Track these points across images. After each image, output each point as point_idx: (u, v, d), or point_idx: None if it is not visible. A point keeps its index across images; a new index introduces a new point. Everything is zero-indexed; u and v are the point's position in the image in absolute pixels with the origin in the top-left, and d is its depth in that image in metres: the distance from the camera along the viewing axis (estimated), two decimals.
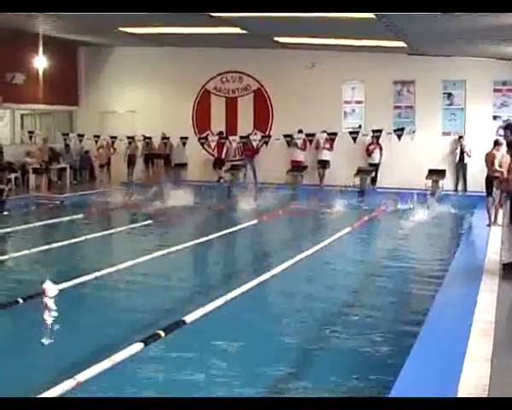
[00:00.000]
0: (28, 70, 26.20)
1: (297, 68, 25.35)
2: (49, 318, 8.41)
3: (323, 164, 25.07)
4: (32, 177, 25.81)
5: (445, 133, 24.09)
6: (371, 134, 24.01)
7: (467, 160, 23.31)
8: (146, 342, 7.77)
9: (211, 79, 27.18)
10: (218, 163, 26.64)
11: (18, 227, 17.32)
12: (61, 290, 10.26)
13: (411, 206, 19.66)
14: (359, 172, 24.03)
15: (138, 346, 7.62)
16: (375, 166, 24.35)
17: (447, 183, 23.38)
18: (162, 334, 8.10)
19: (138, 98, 27.84)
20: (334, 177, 24.60)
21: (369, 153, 24.57)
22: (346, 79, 25.03)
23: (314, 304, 10.10)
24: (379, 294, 10.84)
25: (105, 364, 7.04)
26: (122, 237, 16.35)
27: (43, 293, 9.34)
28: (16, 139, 28.51)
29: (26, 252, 13.46)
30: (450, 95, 24.04)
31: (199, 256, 14.16)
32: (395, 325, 8.92)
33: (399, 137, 23.41)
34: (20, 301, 9.55)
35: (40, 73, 26.82)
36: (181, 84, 26.99)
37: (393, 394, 5.54)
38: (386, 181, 23.76)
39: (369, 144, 24.48)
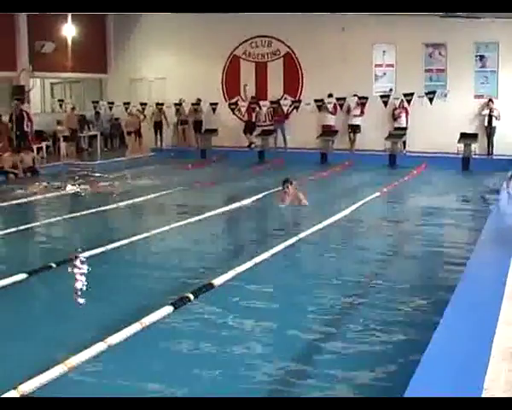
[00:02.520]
0: (57, 39, 26.27)
1: (327, 32, 25.13)
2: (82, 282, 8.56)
3: (354, 128, 24.92)
4: (62, 145, 25.96)
5: (477, 96, 23.75)
6: (401, 98, 23.72)
7: (495, 123, 23.01)
8: (175, 305, 7.81)
9: (240, 45, 27.07)
10: (248, 128, 26.55)
11: (50, 194, 17.48)
12: (94, 256, 10.43)
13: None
14: (390, 136, 23.82)
15: (168, 309, 7.66)
16: (403, 131, 24.11)
17: (479, 146, 23.12)
18: (191, 297, 8.14)
19: (168, 65, 27.81)
20: (364, 141, 24.45)
21: (395, 117, 24.34)
22: (376, 43, 24.77)
23: (349, 263, 10.09)
24: (412, 257, 10.77)
25: (136, 326, 7.11)
26: (156, 203, 16.40)
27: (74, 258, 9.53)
28: (47, 108, 28.66)
29: (63, 217, 13.80)
30: (482, 57, 23.66)
31: (238, 219, 14.15)
32: (429, 287, 8.89)
33: (431, 100, 23.07)
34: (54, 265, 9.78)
35: (69, 41, 26.89)
36: (210, 49, 26.89)
37: (428, 354, 5.46)
38: (418, 145, 23.52)
39: (395, 108, 24.24)
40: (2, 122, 22.99)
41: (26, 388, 5.80)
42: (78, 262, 10.20)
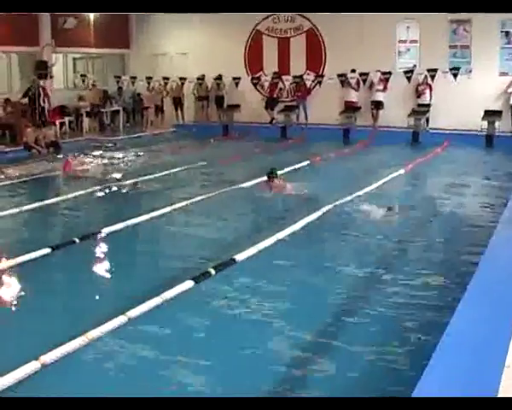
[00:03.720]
0: (80, 14, 26.24)
1: None
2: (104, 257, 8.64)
3: (377, 104, 24.70)
4: (85, 120, 26.04)
5: (501, 74, 23.44)
6: (424, 74, 23.48)
7: None
8: (196, 279, 7.83)
9: (263, 20, 26.92)
10: (270, 104, 26.43)
11: (74, 168, 17.59)
12: (115, 231, 10.49)
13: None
14: (413, 112, 23.64)
15: (189, 284, 7.69)
16: (427, 107, 23.89)
17: (504, 124, 22.87)
18: (213, 272, 8.16)
19: (190, 40, 27.73)
20: (387, 118, 24.26)
21: (418, 94, 24.09)
22: (400, 18, 24.51)
23: (372, 239, 10.08)
24: (434, 234, 10.72)
25: (156, 300, 7.15)
26: (177, 178, 16.43)
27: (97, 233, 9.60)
28: (69, 83, 28.71)
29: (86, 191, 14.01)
30: (507, 33, 23.33)
31: (260, 195, 14.15)
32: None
33: (455, 76, 22.81)
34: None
35: (91, 16, 26.88)
36: (233, 25, 26.76)
37: (449, 330, 5.42)
38: (441, 122, 23.30)
39: (419, 85, 23.98)
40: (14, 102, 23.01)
41: (48, 358, 5.85)
42: (100, 237, 10.27)
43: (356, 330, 6.82)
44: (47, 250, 9.35)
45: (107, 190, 14.53)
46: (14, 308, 7.58)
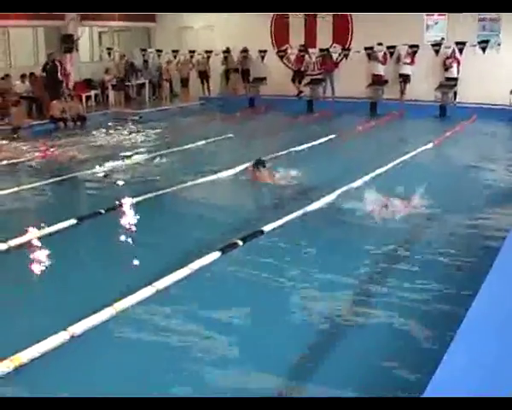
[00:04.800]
0: None
1: None
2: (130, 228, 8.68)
3: (404, 78, 24.47)
4: (110, 93, 26.08)
5: None
6: (452, 47, 23.23)
7: None
8: (224, 250, 7.83)
9: None
10: (297, 77, 26.30)
11: (100, 141, 17.67)
12: (141, 202, 10.51)
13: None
14: (441, 86, 23.45)
15: (216, 255, 7.70)
16: (454, 81, 23.67)
17: None
18: (240, 243, 8.16)
19: (216, 13, 27.57)
20: (414, 91, 24.06)
21: (446, 67, 23.82)
22: None
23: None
24: (458, 212, 10.57)
25: (184, 271, 7.16)
26: (203, 151, 16.46)
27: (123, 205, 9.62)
28: (95, 57, 28.73)
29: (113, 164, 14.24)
30: None
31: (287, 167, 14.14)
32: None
33: (484, 49, 22.57)
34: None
35: None
36: None
37: (471, 312, 5.35)
38: (469, 96, 23.06)
39: (447, 58, 23.72)
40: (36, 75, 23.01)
41: (77, 329, 5.88)
42: (126, 209, 10.30)
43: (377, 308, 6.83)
44: (72, 221, 9.44)
45: (129, 163, 14.69)
46: (47, 278, 7.63)
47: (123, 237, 8.98)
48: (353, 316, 6.46)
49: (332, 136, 17.44)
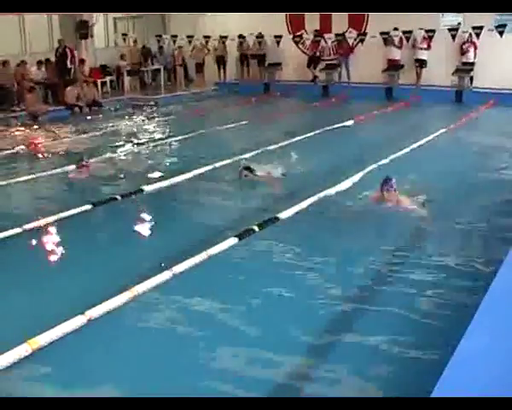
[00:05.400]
0: None
1: None
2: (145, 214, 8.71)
3: (420, 63, 24.31)
4: (126, 79, 26.08)
5: None
6: (469, 32, 23.04)
7: None
8: (240, 236, 7.83)
9: None
10: (312, 62, 26.20)
11: (116, 127, 17.70)
12: (157, 188, 10.52)
13: None
14: (457, 71, 23.30)
15: (233, 240, 7.69)
16: (471, 66, 23.49)
17: None
18: (256, 229, 8.15)
19: None
20: (430, 76, 23.91)
21: (462, 52, 23.62)
22: None
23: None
24: (473, 197, 10.48)
25: (202, 256, 7.16)
26: (218, 136, 16.46)
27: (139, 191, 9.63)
28: (110, 42, 28.71)
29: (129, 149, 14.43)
30: None
31: (303, 153, 14.09)
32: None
33: (501, 34, 22.37)
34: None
35: None
36: None
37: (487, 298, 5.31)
38: (486, 81, 22.89)
39: (464, 42, 23.53)
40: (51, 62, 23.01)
41: (94, 313, 5.90)
42: (141, 194, 10.32)
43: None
44: (88, 206, 9.47)
45: (144, 148, 14.82)
46: (65, 261, 7.66)
47: (139, 222, 9.00)
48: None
49: (347, 121, 17.39)
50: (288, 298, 6.45)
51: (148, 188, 10.66)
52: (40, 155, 14.16)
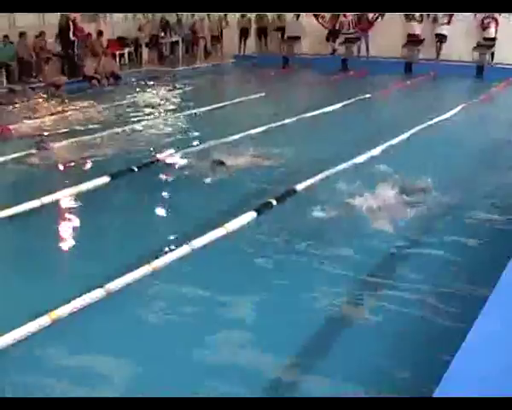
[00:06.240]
0: None
1: None
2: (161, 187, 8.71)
3: (440, 38, 24.10)
4: (144, 51, 26.00)
5: None
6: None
7: None
8: (259, 210, 7.80)
9: None
10: (331, 35, 26.00)
11: (134, 99, 17.70)
12: (173, 160, 10.50)
13: None
14: (478, 46, 23.07)
15: (251, 214, 7.67)
16: (492, 41, 23.25)
17: None
18: (274, 202, 8.11)
19: None
20: (451, 51, 23.69)
21: (483, 27, 23.38)
22: None
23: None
24: (489, 176, 10.36)
25: (220, 231, 7.14)
26: (235, 110, 16.44)
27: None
28: (128, 14, 28.60)
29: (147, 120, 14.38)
30: None
31: (321, 126, 14.00)
32: None
33: None
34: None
35: None
36: None
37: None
38: (507, 57, 22.64)
39: (484, 18, 23.28)
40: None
41: (113, 286, 5.90)
42: (158, 166, 10.31)
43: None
44: (106, 179, 9.49)
45: (161, 120, 14.84)
46: (85, 234, 7.68)
47: (158, 194, 9.02)
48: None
49: (366, 95, 17.29)
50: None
51: (163, 160, 10.66)
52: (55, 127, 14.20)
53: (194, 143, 11.97)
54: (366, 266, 6.59)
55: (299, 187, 8.86)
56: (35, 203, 8.38)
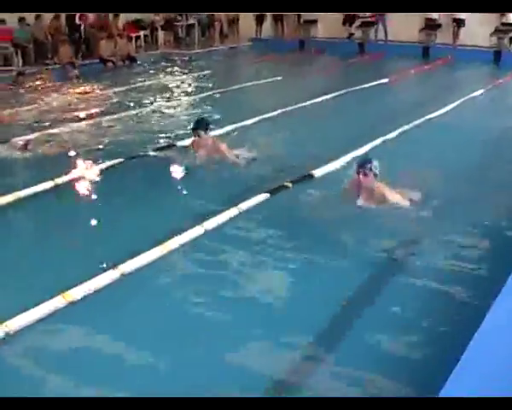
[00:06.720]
0: None
1: None
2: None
3: (458, 22, 23.90)
4: (160, 33, 25.95)
5: None
6: None
7: None
8: (272, 192, 7.78)
9: None
10: (348, 19, 25.86)
11: (149, 81, 17.69)
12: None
13: None
14: (496, 31, 22.89)
15: (264, 196, 7.65)
16: (510, 26, 23.05)
17: None
18: (290, 185, 8.08)
19: None
20: (468, 36, 23.51)
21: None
22: None
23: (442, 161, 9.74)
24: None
25: (233, 211, 7.15)
26: (250, 92, 16.42)
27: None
28: None
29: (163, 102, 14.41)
30: None
31: (336, 110, 13.95)
32: None
33: None
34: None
35: None
36: None
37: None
38: None
39: None
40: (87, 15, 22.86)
41: (128, 267, 5.94)
42: (172, 150, 10.28)
43: None
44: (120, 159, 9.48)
45: (177, 103, 14.84)
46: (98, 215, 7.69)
47: (175, 177, 9.01)
48: None
49: (382, 79, 17.19)
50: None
51: (178, 143, 10.66)
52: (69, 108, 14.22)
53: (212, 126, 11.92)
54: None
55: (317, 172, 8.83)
56: (48, 184, 8.42)
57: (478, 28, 23.08)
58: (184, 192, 8.50)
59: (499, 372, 3.81)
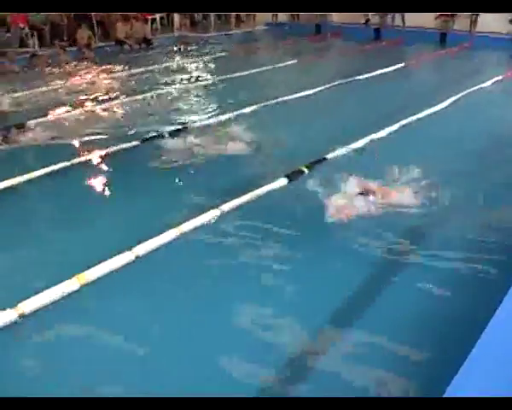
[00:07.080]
0: None
1: None
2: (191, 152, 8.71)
3: None
4: (176, 16, 25.92)
5: None
6: None
7: None
8: (290, 177, 7.76)
9: None
10: None
11: (165, 64, 17.70)
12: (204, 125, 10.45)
13: None
14: None
15: (282, 181, 7.63)
16: None
17: None
18: (305, 170, 8.06)
19: None
20: (486, 23, 23.34)
21: None
22: None
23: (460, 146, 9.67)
24: None
25: (245, 197, 7.15)
26: (265, 77, 16.37)
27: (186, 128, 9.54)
28: None
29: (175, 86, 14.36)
30: None
31: (352, 94, 13.89)
32: None
33: None
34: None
35: None
36: None
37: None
38: None
39: None
40: None
41: (141, 250, 5.95)
42: (188, 132, 10.27)
43: None
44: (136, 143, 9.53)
45: (192, 86, 14.79)
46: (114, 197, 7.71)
47: (189, 161, 8.97)
48: None
49: (398, 65, 17.09)
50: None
51: (193, 126, 10.65)
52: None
53: (228, 109, 11.88)
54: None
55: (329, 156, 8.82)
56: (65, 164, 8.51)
57: (495, 15, 22.91)
58: (197, 176, 8.45)
59: (506, 372, 3.78)
